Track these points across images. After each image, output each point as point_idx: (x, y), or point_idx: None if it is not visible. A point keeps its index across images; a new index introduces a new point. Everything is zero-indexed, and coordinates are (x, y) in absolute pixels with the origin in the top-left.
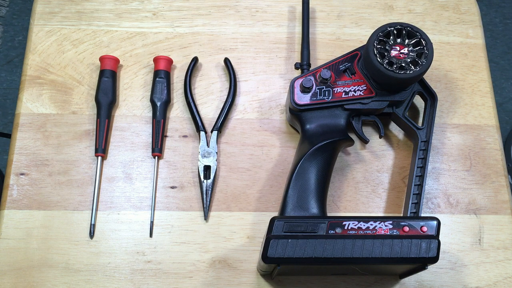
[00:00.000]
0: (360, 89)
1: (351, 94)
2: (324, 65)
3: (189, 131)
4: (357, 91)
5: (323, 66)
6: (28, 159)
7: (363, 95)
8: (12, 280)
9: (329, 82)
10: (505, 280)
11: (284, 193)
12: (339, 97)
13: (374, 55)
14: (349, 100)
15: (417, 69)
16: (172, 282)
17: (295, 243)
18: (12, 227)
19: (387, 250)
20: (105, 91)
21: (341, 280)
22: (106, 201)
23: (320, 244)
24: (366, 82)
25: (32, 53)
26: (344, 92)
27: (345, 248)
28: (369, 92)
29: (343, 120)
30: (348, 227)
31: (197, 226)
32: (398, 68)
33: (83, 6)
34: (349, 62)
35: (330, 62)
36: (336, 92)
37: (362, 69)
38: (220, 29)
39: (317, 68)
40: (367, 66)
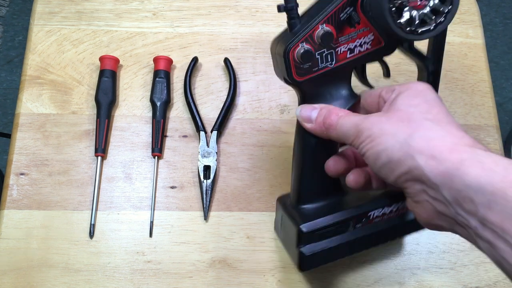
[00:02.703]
0: (366, 40)
1: (357, 51)
2: (319, 17)
3: (189, 131)
4: (364, 45)
5: (318, 19)
6: (28, 159)
7: (371, 48)
8: (12, 280)
9: (332, 42)
10: (505, 280)
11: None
12: (344, 58)
13: (391, 15)
14: (355, 59)
15: (441, 20)
16: (172, 282)
17: (328, 251)
18: (12, 227)
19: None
20: (105, 91)
21: (341, 280)
22: (106, 201)
23: (350, 243)
24: (374, 30)
25: (32, 53)
26: (349, 51)
27: (374, 237)
28: (377, 43)
29: (347, 78)
30: (373, 216)
31: (197, 226)
32: (419, 25)
33: (83, 6)
34: (351, 6)
35: (326, 12)
36: (340, 52)
37: (367, 12)
38: (220, 29)
39: (311, 23)
40: (378, 22)
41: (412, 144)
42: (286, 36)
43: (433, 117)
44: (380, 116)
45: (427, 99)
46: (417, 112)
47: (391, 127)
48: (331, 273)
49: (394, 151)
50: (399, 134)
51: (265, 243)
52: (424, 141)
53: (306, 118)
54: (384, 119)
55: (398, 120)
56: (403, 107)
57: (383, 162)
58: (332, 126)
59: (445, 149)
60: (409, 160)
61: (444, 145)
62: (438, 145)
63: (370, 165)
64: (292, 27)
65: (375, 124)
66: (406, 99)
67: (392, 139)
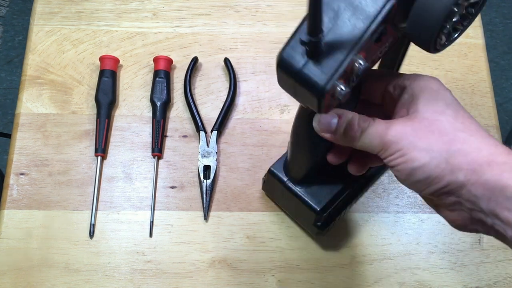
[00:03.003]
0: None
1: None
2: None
3: (189, 131)
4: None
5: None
6: (28, 159)
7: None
8: (12, 280)
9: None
10: (505, 280)
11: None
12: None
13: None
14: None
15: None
16: (172, 282)
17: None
18: (12, 227)
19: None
20: (105, 91)
21: (341, 280)
22: (106, 201)
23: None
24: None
25: (32, 53)
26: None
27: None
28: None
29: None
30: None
31: (197, 226)
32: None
33: (83, 6)
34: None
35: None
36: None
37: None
38: (220, 29)
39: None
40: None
41: (451, 160)
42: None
43: (463, 127)
44: (404, 126)
45: (448, 103)
46: (446, 122)
47: (423, 141)
48: (331, 273)
49: (432, 168)
50: (435, 150)
51: (265, 243)
52: (462, 156)
53: (325, 128)
54: (411, 131)
55: (428, 132)
56: (428, 114)
57: (419, 179)
58: (355, 139)
59: (483, 161)
60: (448, 176)
61: (482, 158)
62: (477, 158)
63: (399, 178)
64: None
65: (403, 137)
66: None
67: (428, 156)
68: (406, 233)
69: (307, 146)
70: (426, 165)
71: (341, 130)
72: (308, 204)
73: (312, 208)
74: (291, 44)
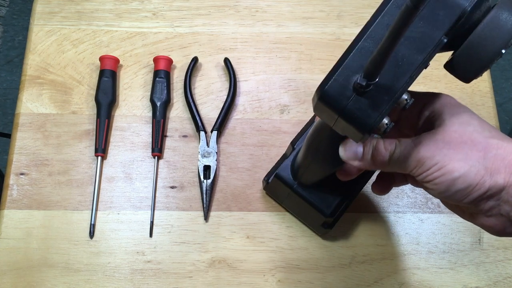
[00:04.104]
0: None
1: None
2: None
3: (189, 131)
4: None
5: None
6: (28, 159)
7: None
8: (12, 280)
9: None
10: (505, 280)
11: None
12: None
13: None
14: None
15: None
16: (172, 282)
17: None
18: (12, 227)
19: None
20: (105, 91)
21: (341, 280)
22: (106, 201)
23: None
24: None
25: (32, 53)
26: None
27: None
28: None
29: None
30: None
31: (197, 226)
32: None
33: (83, 6)
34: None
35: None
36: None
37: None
38: (220, 29)
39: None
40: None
41: (489, 166)
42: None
43: (491, 134)
44: (435, 140)
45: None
46: (475, 132)
47: (458, 151)
48: (331, 273)
49: (472, 176)
50: (471, 158)
51: (265, 243)
52: (499, 161)
53: (352, 157)
54: (443, 144)
55: (461, 143)
56: (456, 127)
57: (459, 188)
58: (384, 164)
59: None
60: (488, 182)
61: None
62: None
63: (437, 191)
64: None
65: (436, 151)
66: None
67: (466, 165)
68: (406, 233)
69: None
70: (467, 174)
71: (368, 156)
72: (319, 208)
73: (322, 212)
74: (337, 78)
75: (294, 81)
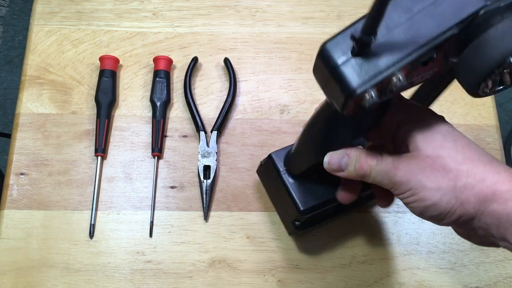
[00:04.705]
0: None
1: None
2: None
3: (189, 131)
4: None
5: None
6: (28, 159)
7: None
8: (12, 280)
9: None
10: (505, 280)
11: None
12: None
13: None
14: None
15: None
16: (172, 282)
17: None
18: (12, 227)
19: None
20: (105, 91)
21: (341, 280)
22: (106, 201)
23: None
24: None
25: (32, 53)
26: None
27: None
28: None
29: None
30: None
31: (197, 226)
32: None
33: (83, 6)
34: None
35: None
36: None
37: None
38: (220, 29)
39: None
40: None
41: (459, 195)
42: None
43: (464, 158)
44: (409, 164)
45: (444, 134)
46: (447, 158)
47: (430, 179)
48: (331, 273)
49: (443, 205)
50: (443, 187)
51: (265, 243)
52: (469, 190)
53: (336, 168)
54: (417, 170)
55: (433, 170)
56: (429, 151)
57: (432, 215)
58: (366, 176)
59: (488, 192)
60: (459, 210)
61: (486, 189)
62: (481, 190)
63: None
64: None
65: (411, 177)
66: (425, 140)
67: (438, 194)
68: (406, 233)
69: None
70: (438, 203)
71: (351, 168)
72: (294, 200)
73: (296, 206)
74: (339, 37)
75: (294, 81)
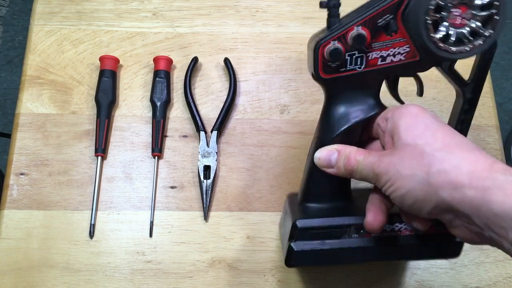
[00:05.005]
0: (401, 51)
1: (390, 60)
2: (357, 17)
3: (189, 131)
4: (397, 55)
5: (355, 20)
6: (28, 159)
7: (405, 59)
8: (12, 280)
9: (364, 45)
10: (505, 280)
11: (306, 177)
12: (374, 64)
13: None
14: (386, 67)
15: (478, 43)
16: (172, 282)
17: (319, 252)
18: (12, 227)
19: (411, 251)
20: (105, 91)
21: (342, 280)
22: (106, 201)
23: (344, 250)
24: (410, 42)
25: (32, 53)
26: (380, 58)
27: (369, 252)
28: (412, 56)
29: (376, 86)
30: None
31: (197, 226)
32: (454, 43)
33: (83, 6)
34: (391, 14)
35: (365, 13)
36: (371, 58)
37: (407, 22)
38: (220, 29)
39: (347, 24)
40: (414, 33)
41: (432, 181)
42: (322, 33)
43: (442, 145)
44: (391, 156)
45: (426, 124)
46: (425, 145)
47: (406, 168)
48: (331, 273)
49: (417, 191)
50: (417, 174)
51: (265, 243)
52: (442, 176)
53: (326, 164)
54: (397, 160)
55: (410, 158)
56: (409, 140)
57: (410, 203)
58: (354, 171)
59: (464, 179)
60: (434, 197)
61: (461, 176)
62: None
63: (398, 204)
64: (330, 25)
65: (390, 167)
66: (408, 130)
67: (412, 181)
68: None
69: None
70: (412, 191)
71: (340, 164)
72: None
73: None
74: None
75: (294, 81)
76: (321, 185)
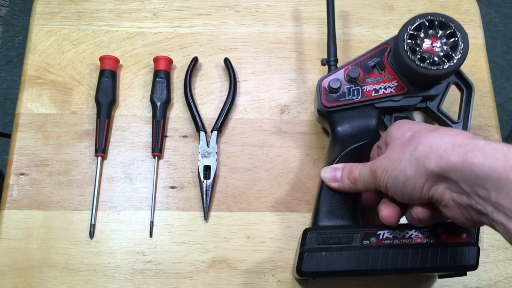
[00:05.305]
0: (391, 85)
1: (382, 92)
2: (351, 62)
3: (189, 131)
4: (388, 88)
5: (350, 63)
6: (28, 159)
7: (394, 92)
8: (12, 280)
9: (358, 80)
10: (505, 280)
11: (316, 200)
12: (369, 95)
13: (405, 51)
14: (379, 98)
15: (451, 63)
16: (172, 282)
17: (329, 256)
18: (12, 227)
19: (423, 259)
20: (105, 91)
21: (341, 280)
22: (106, 201)
23: (355, 256)
24: (397, 78)
25: (32, 53)
26: (374, 90)
27: (380, 259)
28: (400, 89)
29: (375, 119)
30: (383, 236)
31: (197, 226)
32: (431, 63)
33: (83, 6)
34: (378, 57)
35: (357, 59)
36: (366, 90)
37: (393, 63)
38: (220, 29)
39: (345, 66)
40: (398, 62)
41: (418, 155)
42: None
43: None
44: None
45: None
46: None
47: (397, 153)
48: None
49: (408, 169)
50: (406, 154)
51: (265, 243)
52: (427, 148)
53: (331, 179)
54: (389, 151)
55: (400, 145)
56: (399, 134)
57: (403, 183)
58: (356, 180)
59: (447, 147)
60: (422, 169)
61: (444, 144)
62: (439, 145)
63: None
64: (330, 70)
65: (384, 159)
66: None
67: (402, 160)
68: None
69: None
70: (403, 170)
71: (344, 175)
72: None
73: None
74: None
75: (294, 81)
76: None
